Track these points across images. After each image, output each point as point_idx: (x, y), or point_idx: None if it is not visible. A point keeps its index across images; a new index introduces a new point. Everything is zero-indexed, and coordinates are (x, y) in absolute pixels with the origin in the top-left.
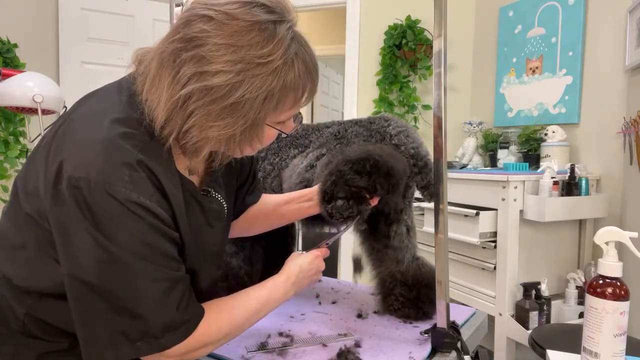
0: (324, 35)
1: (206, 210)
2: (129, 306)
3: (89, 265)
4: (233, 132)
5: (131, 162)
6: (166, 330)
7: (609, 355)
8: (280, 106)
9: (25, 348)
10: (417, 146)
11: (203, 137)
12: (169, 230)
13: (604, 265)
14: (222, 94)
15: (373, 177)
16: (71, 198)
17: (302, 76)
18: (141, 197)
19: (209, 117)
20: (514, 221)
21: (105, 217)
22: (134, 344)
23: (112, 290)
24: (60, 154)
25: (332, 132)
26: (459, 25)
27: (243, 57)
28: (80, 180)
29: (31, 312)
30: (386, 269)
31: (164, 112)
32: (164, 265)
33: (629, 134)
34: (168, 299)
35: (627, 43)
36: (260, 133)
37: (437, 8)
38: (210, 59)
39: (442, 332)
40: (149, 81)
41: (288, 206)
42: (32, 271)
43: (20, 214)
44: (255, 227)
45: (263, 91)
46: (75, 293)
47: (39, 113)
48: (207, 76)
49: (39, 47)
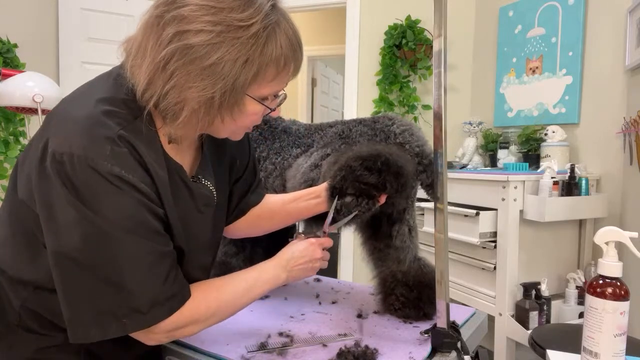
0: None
1: (195, 195)
2: (114, 280)
3: (74, 239)
4: (212, 94)
5: (113, 136)
6: (152, 305)
7: (609, 355)
8: (261, 76)
9: (22, 343)
10: (422, 144)
11: (182, 98)
12: (154, 206)
13: (604, 265)
14: (201, 53)
15: (383, 174)
16: (55, 173)
17: (284, 48)
18: (123, 170)
19: (189, 78)
20: (514, 221)
21: (88, 191)
22: (119, 321)
23: (98, 265)
24: (47, 131)
25: (336, 131)
26: (459, 25)
27: (223, 19)
28: (64, 155)
29: (26, 304)
30: (387, 268)
31: (145, 75)
32: (150, 238)
33: (629, 134)
34: (155, 273)
35: (627, 43)
36: (241, 102)
37: (437, 8)
38: (191, 18)
39: (442, 332)
40: (135, 49)
41: (295, 204)
42: (24, 262)
43: (14, 202)
44: (262, 227)
45: (242, 54)
46: (61, 270)
47: (39, 113)
48: (188, 35)
49: (39, 47)
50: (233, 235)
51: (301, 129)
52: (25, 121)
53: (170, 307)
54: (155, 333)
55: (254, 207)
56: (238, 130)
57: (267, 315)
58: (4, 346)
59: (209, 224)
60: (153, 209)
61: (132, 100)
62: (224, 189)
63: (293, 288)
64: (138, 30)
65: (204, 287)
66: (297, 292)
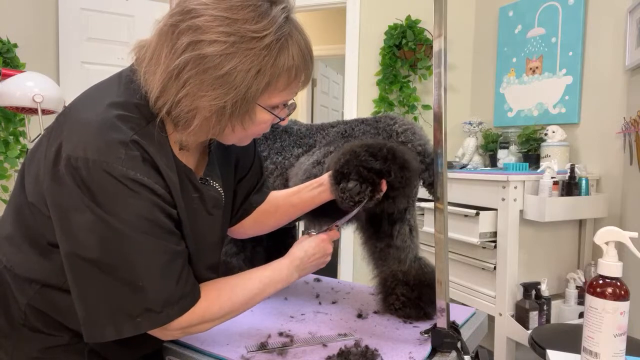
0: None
1: (205, 198)
2: (129, 279)
3: (89, 241)
4: (224, 103)
5: (126, 141)
6: (166, 304)
7: (609, 355)
8: (272, 86)
9: (27, 342)
10: (424, 143)
11: (194, 106)
12: (167, 207)
13: (604, 265)
14: (215, 63)
15: (388, 162)
16: (69, 177)
17: (296, 58)
18: (138, 174)
19: (201, 87)
20: (514, 221)
21: (104, 195)
22: (134, 320)
23: (113, 265)
24: (60, 135)
25: (338, 130)
26: (459, 25)
27: (237, 30)
28: (78, 159)
29: (32, 302)
30: (388, 268)
31: (159, 83)
32: (164, 238)
33: (629, 134)
34: (168, 272)
35: (627, 43)
36: (251, 111)
37: (437, 8)
38: (205, 29)
39: (442, 332)
40: (149, 56)
41: (299, 195)
42: (31, 260)
43: (22, 202)
44: (267, 223)
45: (255, 65)
46: (75, 272)
47: (39, 113)
48: (202, 45)
49: (39, 47)
50: (239, 235)
51: (302, 129)
52: (25, 121)
53: (182, 306)
54: (170, 330)
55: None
56: (247, 137)
57: (267, 315)
58: (10, 346)
59: (218, 225)
60: (167, 210)
61: (145, 106)
62: (231, 189)
63: (293, 288)
64: (152, 37)
65: (218, 286)
66: (297, 292)
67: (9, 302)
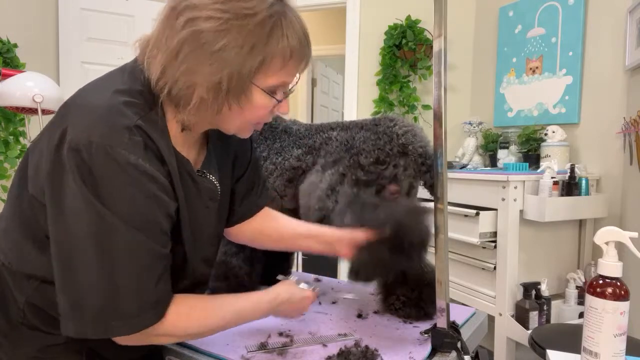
0: (324, 35)
1: (201, 190)
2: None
3: (78, 226)
4: (219, 79)
5: (131, 126)
6: (141, 309)
7: (609, 355)
8: (267, 65)
9: (26, 341)
10: (425, 145)
11: (192, 82)
12: (166, 200)
13: (604, 265)
14: (210, 39)
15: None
16: (71, 161)
17: (290, 39)
18: (140, 159)
19: (198, 62)
20: (514, 221)
21: (102, 180)
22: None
23: (97, 256)
24: (64, 121)
25: (340, 141)
26: (459, 25)
27: (231, 7)
28: (81, 142)
29: (31, 299)
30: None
31: (160, 64)
32: (152, 237)
33: (629, 134)
34: (149, 273)
35: (627, 43)
36: (248, 91)
37: (437, 8)
38: (202, 6)
39: (442, 332)
40: (152, 42)
41: (307, 241)
42: (30, 255)
43: (22, 195)
44: (265, 245)
45: (248, 42)
46: (60, 259)
47: (39, 113)
48: (199, 22)
49: (39, 47)
50: (236, 239)
51: (302, 129)
52: (25, 121)
53: (157, 312)
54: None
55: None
56: (246, 125)
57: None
58: (9, 345)
59: (213, 217)
60: (165, 204)
61: (148, 92)
62: (228, 184)
63: None
64: (155, 27)
65: (191, 304)
66: None
67: (7, 300)
